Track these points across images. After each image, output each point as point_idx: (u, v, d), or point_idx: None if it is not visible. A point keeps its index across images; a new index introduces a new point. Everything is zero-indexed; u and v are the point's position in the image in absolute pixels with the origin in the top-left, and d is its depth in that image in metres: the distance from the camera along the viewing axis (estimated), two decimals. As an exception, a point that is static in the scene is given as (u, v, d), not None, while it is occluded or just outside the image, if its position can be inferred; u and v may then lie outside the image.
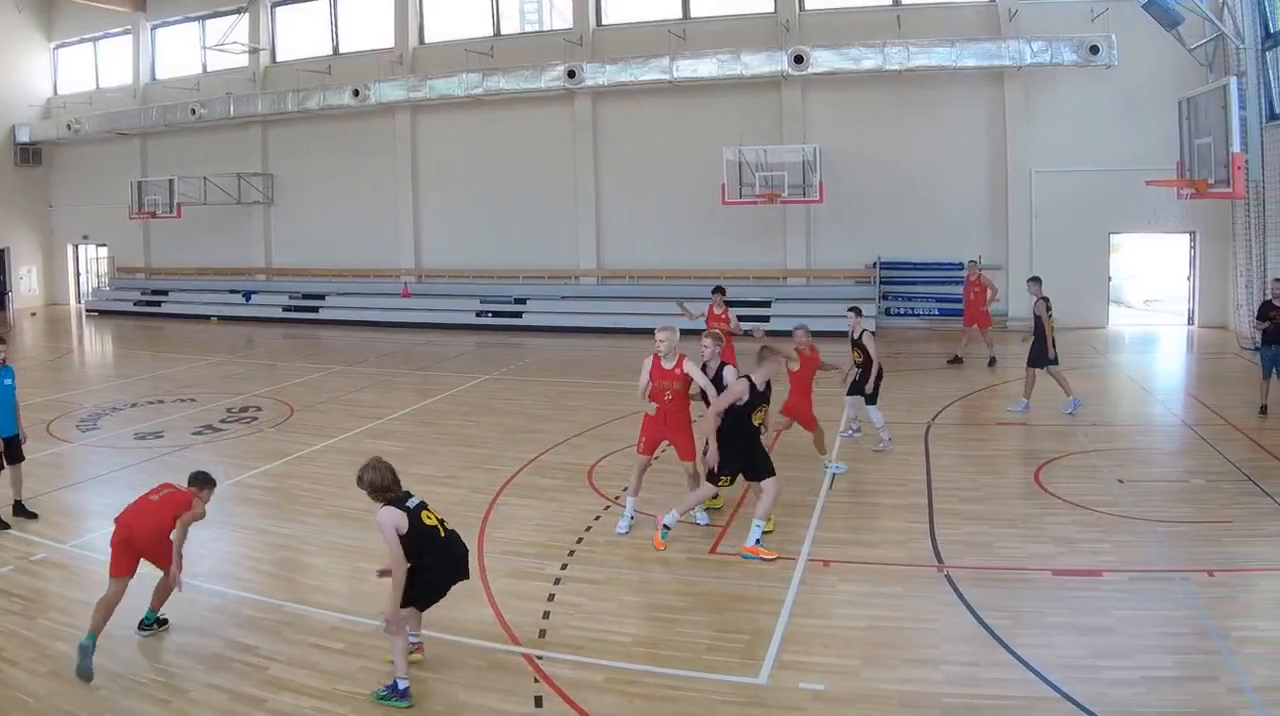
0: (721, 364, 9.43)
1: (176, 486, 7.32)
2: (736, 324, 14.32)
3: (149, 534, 6.93)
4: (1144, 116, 20.85)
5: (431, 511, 6.39)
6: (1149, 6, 17.94)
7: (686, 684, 6.40)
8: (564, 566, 8.46)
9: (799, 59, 22.65)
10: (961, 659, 6.62)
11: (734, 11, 25.36)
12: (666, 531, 8.82)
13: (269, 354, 23.46)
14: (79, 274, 35.90)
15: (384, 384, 18.15)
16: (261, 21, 30.16)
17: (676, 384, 9.07)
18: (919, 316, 23.91)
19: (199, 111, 29.60)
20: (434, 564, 6.34)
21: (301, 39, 30.34)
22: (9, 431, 9.91)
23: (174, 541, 6.94)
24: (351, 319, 27.79)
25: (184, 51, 32.22)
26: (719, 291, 15.02)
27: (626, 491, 9.59)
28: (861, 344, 12.00)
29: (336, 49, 29.70)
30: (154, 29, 32.88)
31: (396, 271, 28.95)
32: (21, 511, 9.85)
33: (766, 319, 23.40)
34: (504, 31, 27.85)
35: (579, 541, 9.10)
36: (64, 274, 35.71)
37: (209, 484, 7.38)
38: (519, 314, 26.45)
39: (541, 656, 6.76)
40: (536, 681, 6.43)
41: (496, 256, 27.56)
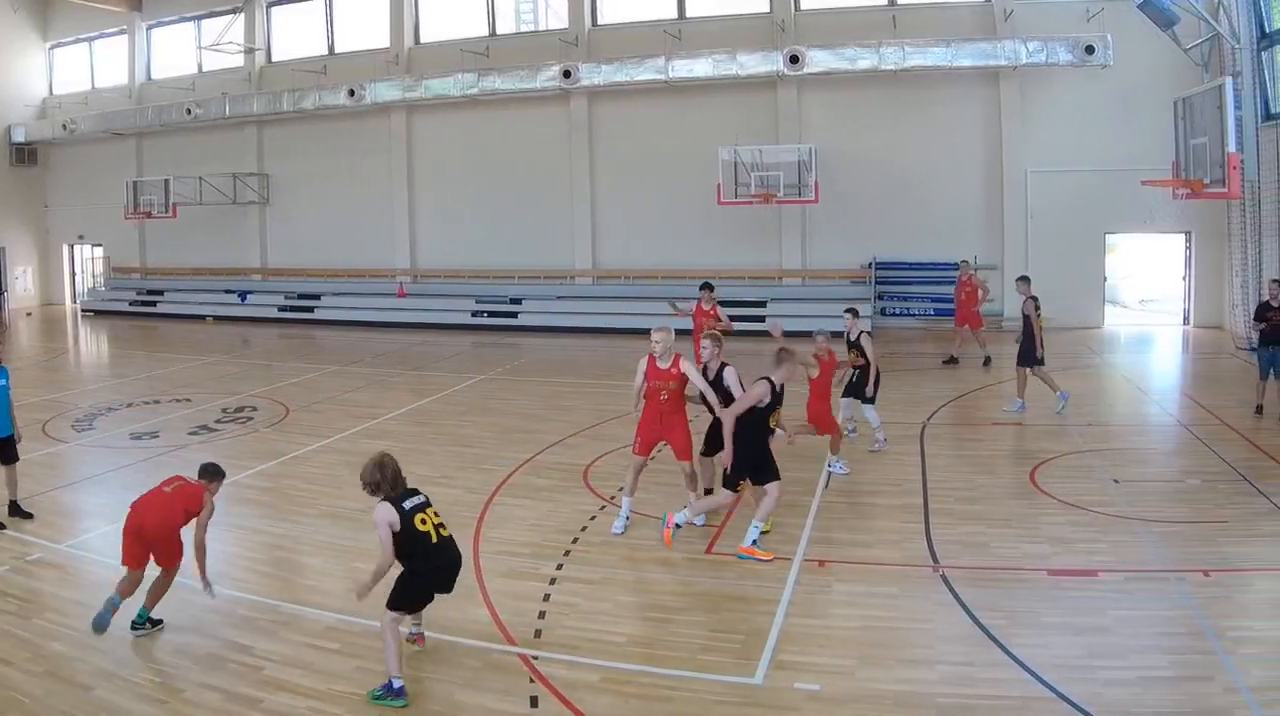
0: (722, 365, 9.42)
1: (187, 478, 7.50)
2: (727, 320, 14.33)
3: (158, 526, 7.09)
4: (1140, 116, 20.89)
5: (430, 516, 6.38)
6: (1144, 6, 17.94)
7: (682, 684, 6.39)
8: (559, 566, 8.46)
9: (794, 59, 22.66)
10: (957, 659, 6.62)
11: (729, 11, 25.37)
12: (677, 529, 8.79)
13: (264, 354, 23.43)
14: (74, 274, 35.85)
15: (379, 384, 18.13)
16: (257, 21, 30.14)
17: (672, 384, 9.06)
18: (914, 316, 23.93)
19: (194, 111, 29.55)
20: (417, 568, 6.35)
21: (297, 39, 30.30)
22: (4, 431, 9.92)
23: (197, 548, 7.17)
24: (347, 319, 27.76)
25: (179, 51, 32.21)
26: (707, 288, 15.02)
27: (622, 491, 9.59)
28: (859, 345, 11.98)
29: (332, 49, 29.67)
30: (149, 29, 32.85)
31: (392, 271, 28.92)
32: (17, 511, 9.84)
33: (762, 319, 23.49)
34: (499, 31, 27.85)
35: (574, 541, 9.09)
36: (59, 274, 35.65)
37: (218, 476, 7.59)
38: (514, 314, 26.43)
39: (537, 656, 6.76)
40: (532, 681, 6.42)
41: (492, 256, 27.55)
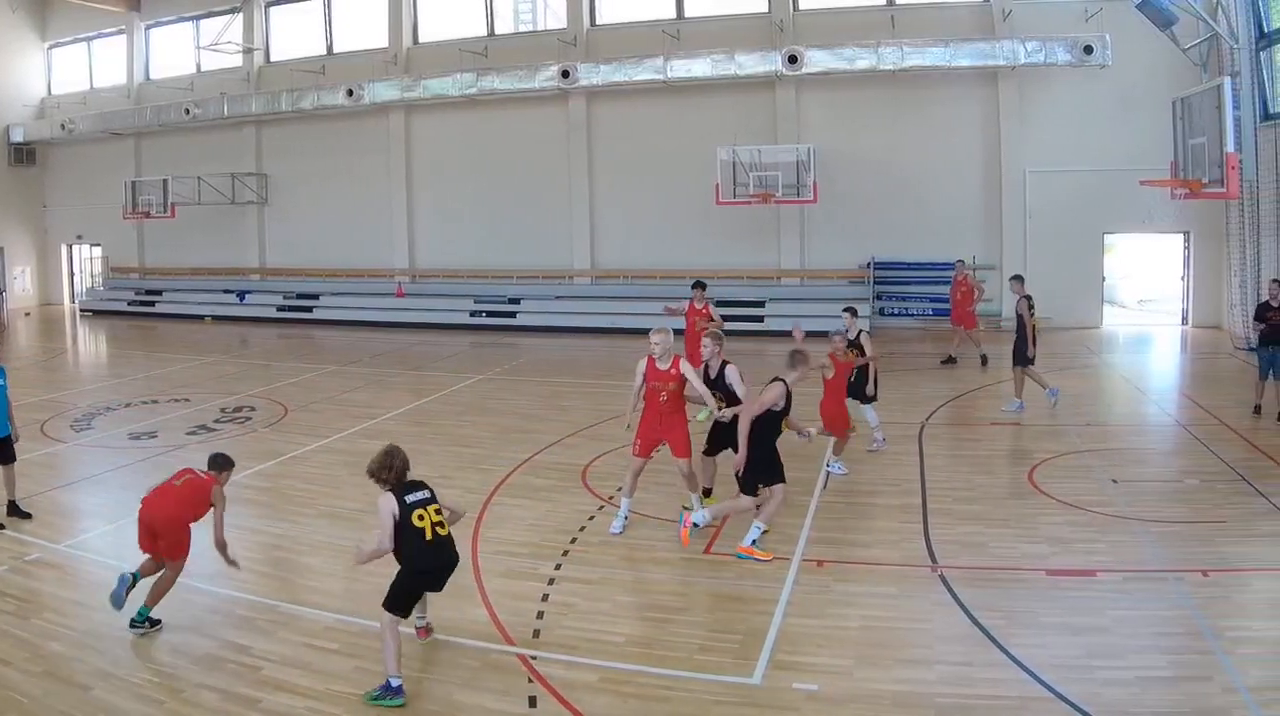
0: (723, 363, 9.43)
1: (197, 471, 7.57)
2: (719, 319, 14.26)
3: (167, 521, 7.20)
4: (1138, 116, 20.88)
5: (430, 513, 6.39)
6: (1143, 6, 17.94)
7: (680, 684, 6.39)
8: (558, 566, 8.46)
9: (793, 59, 22.65)
10: (955, 659, 6.62)
11: (728, 11, 25.36)
12: (695, 529, 8.73)
13: (263, 354, 23.41)
14: (73, 274, 35.82)
15: (378, 384, 18.12)
16: (255, 21, 30.12)
17: (671, 385, 9.06)
18: (913, 316, 23.93)
19: (193, 111, 29.53)
20: (407, 564, 6.40)
21: (295, 39, 30.29)
22: (2, 432, 9.92)
23: (218, 547, 7.37)
24: (346, 319, 27.74)
25: (178, 51, 32.18)
26: (699, 286, 14.98)
27: (620, 491, 9.58)
28: (859, 344, 11.98)
29: (330, 49, 29.65)
30: (148, 29, 32.83)
31: (391, 271, 28.92)
32: (15, 511, 9.83)
33: (760, 319, 23.53)
34: (498, 31, 27.86)
35: (573, 541, 9.09)
36: (58, 274, 35.62)
37: (228, 466, 7.73)
38: (513, 314, 26.43)
39: (535, 656, 6.76)
40: (530, 681, 6.42)
41: (491, 256, 27.54)
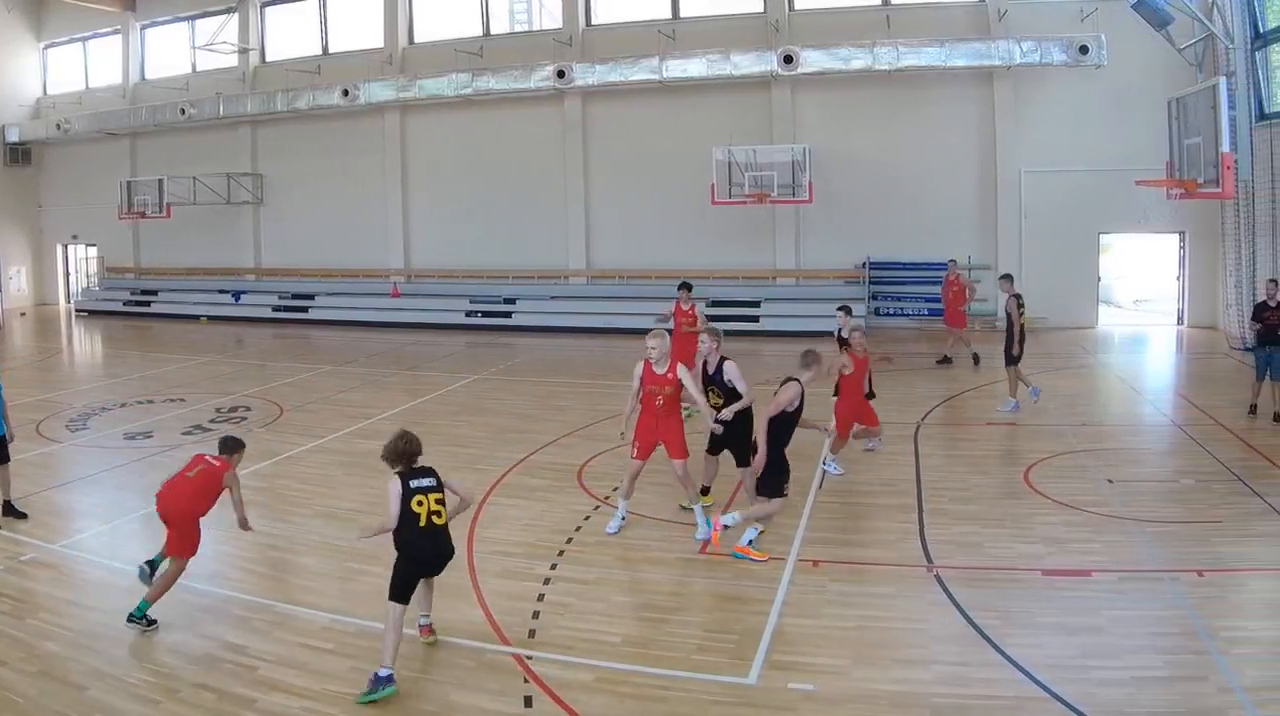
0: (721, 359, 9.44)
1: (210, 459, 7.69)
2: (703, 320, 14.21)
3: (180, 512, 7.38)
4: (1134, 116, 20.91)
5: (429, 500, 6.51)
6: (1138, 6, 17.98)
7: (676, 684, 6.39)
8: (554, 566, 8.46)
9: (788, 59, 22.66)
10: (951, 659, 6.63)
11: (723, 11, 25.34)
12: (725, 531, 8.56)
13: (258, 354, 23.37)
14: (68, 274, 35.72)
15: (373, 384, 18.10)
16: (251, 21, 30.06)
17: (668, 389, 9.04)
18: (908, 316, 23.92)
19: (188, 111, 29.47)
20: (402, 550, 6.50)
21: (291, 39, 30.24)
22: (-3, 432, 9.89)
23: (238, 512, 7.81)
24: (341, 319, 27.69)
25: (173, 51, 32.09)
26: (685, 288, 14.93)
27: (617, 492, 9.58)
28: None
29: (326, 49, 29.61)
30: (143, 29, 32.75)
31: (386, 271, 28.89)
32: (11, 511, 9.81)
33: (756, 319, 23.54)
34: (493, 31, 27.82)
35: (569, 541, 9.08)
36: (53, 274, 35.52)
37: (239, 447, 7.96)
38: (509, 314, 26.41)
39: (531, 656, 6.76)
40: (526, 681, 6.42)
41: (486, 256, 27.51)
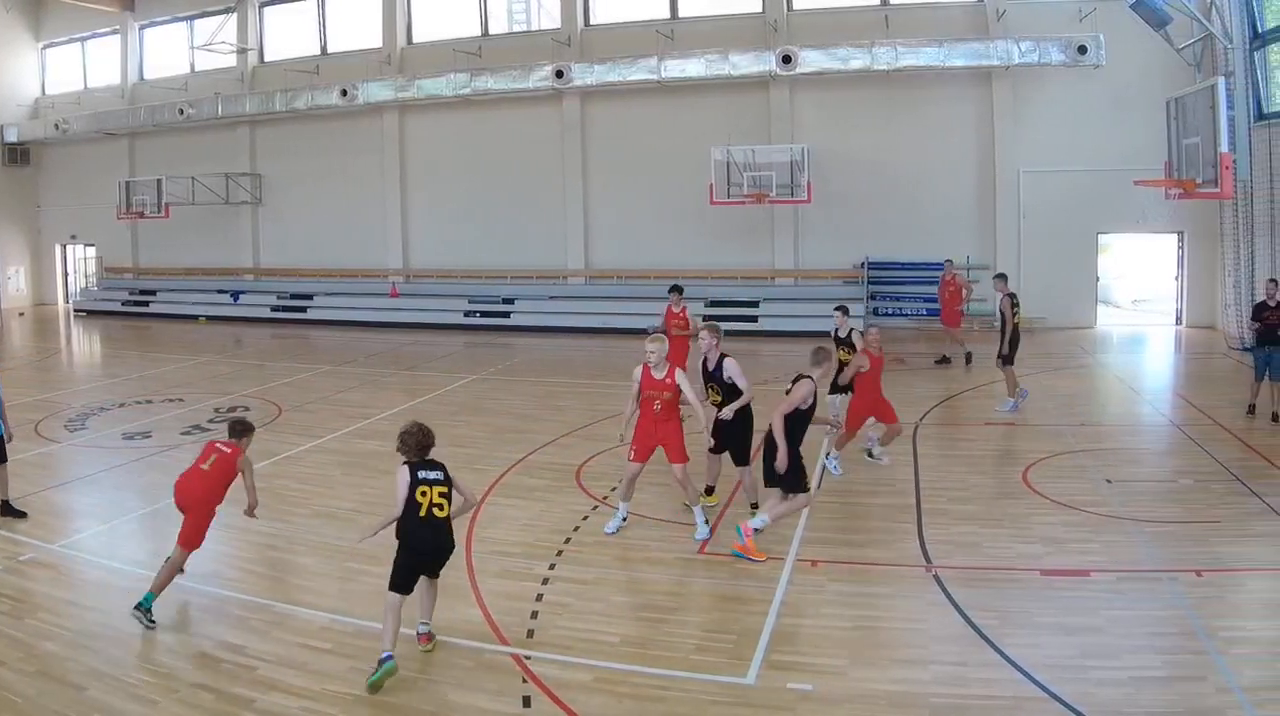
0: (721, 356, 9.44)
1: (222, 446, 7.79)
2: (695, 323, 14.24)
3: (197, 501, 7.54)
4: (1132, 116, 20.93)
5: (432, 493, 6.60)
6: (1137, 6, 17.99)
7: (674, 684, 6.39)
8: (552, 566, 8.45)
9: (787, 59, 22.67)
10: (949, 659, 6.62)
11: (722, 11, 25.36)
12: (758, 534, 8.51)
13: (257, 354, 23.36)
14: (67, 274, 35.74)
15: (372, 384, 18.09)
16: (249, 21, 30.08)
17: (667, 394, 9.03)
18: (907, 316, 23.93)
19: (187, 111, 29.50)
20: (403, 540, 6.57)
21: (289, 39, 30.26)
22: (-5, 431, 9.89)
23: (250, 497, 7.99)
24: (340, 319, 27.70)
25: (172, 51, 32.12)
26: (676, 290, 14.94)
27: (615, 492, 9.56)
28: (850, 343, 11.95)
29: (324, 49, 29.62)
30: (142, 29, 32.77)
31: (385, 271, 28.89)
32: (9, 511, 9.79)
33: (755, 319, 23.54)
34: (492, 31, 27.84)
35: (567, 541, 9.07)
36: (52, 274, 35.55)
37: (249, 430, 8.09)
38: (507, 314, 26.41)
39: (529, 656, 6.75)
40: (524, 681, 6.41)
41: (485, 256, 27.52)
